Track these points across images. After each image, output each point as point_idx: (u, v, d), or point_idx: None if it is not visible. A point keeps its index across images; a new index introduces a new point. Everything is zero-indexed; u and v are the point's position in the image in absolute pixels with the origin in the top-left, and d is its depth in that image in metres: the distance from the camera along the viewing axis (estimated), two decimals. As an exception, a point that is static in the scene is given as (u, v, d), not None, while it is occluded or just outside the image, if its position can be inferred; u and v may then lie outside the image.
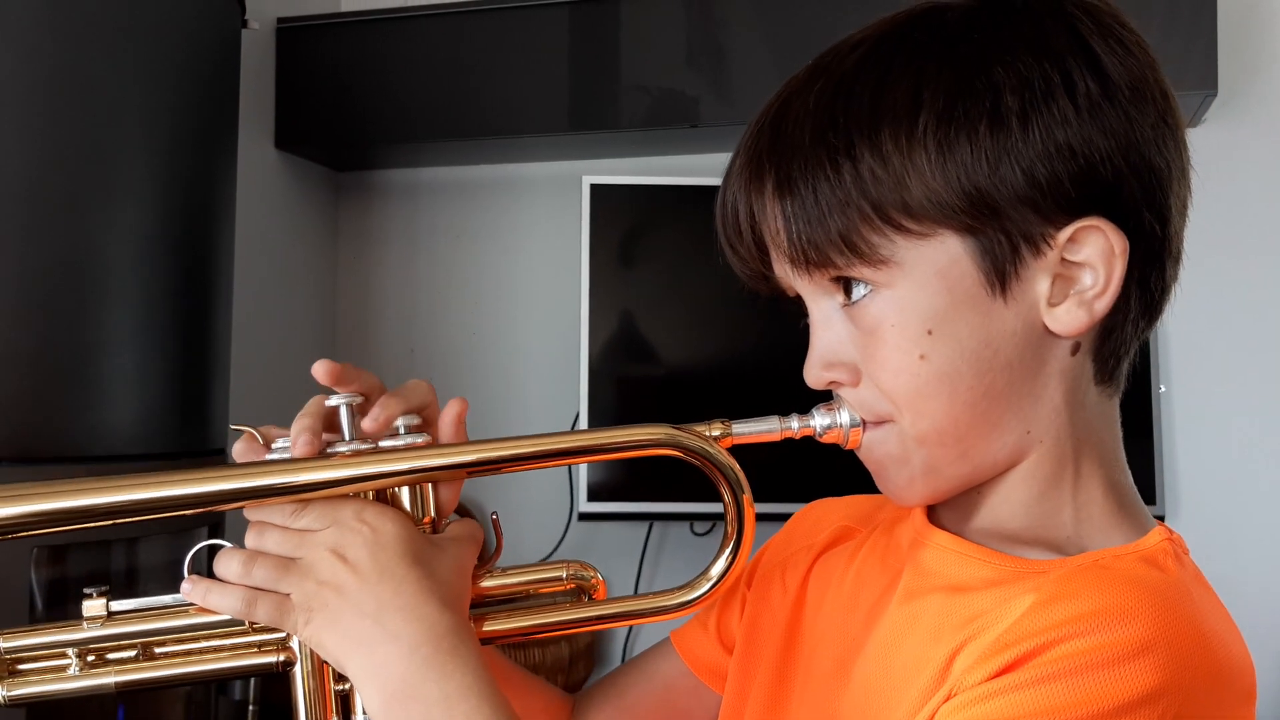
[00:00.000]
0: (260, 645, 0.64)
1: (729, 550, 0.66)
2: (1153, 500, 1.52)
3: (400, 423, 0.63)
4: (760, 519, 0.67)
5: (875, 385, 0.60)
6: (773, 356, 1.55)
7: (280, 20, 1.80)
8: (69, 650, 0.63)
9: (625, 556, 1.78)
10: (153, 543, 1.16)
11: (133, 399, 1.12)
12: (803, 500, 0.85)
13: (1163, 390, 1.60)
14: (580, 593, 0.71)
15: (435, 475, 0.63)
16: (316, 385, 0.68)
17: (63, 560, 1.07)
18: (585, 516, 1.63)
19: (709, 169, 1.72)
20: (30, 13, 1.03)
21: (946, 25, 0.58)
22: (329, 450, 0.62)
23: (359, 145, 1.84)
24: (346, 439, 0.62)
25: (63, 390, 1.05)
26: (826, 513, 0.79)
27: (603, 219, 1.63)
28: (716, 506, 0.67)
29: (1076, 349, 0.60)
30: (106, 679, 0.63)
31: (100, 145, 1.08)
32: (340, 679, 0.63)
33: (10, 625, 0.62)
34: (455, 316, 1.95)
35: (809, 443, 0.65)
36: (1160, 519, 0.63)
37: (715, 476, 0.65)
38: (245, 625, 0.63)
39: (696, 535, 1.75)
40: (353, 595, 0.59)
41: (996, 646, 0.53)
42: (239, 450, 0.64)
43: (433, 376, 1.92)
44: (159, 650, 0.64)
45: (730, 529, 0.66)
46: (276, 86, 1.80)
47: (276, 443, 0.63)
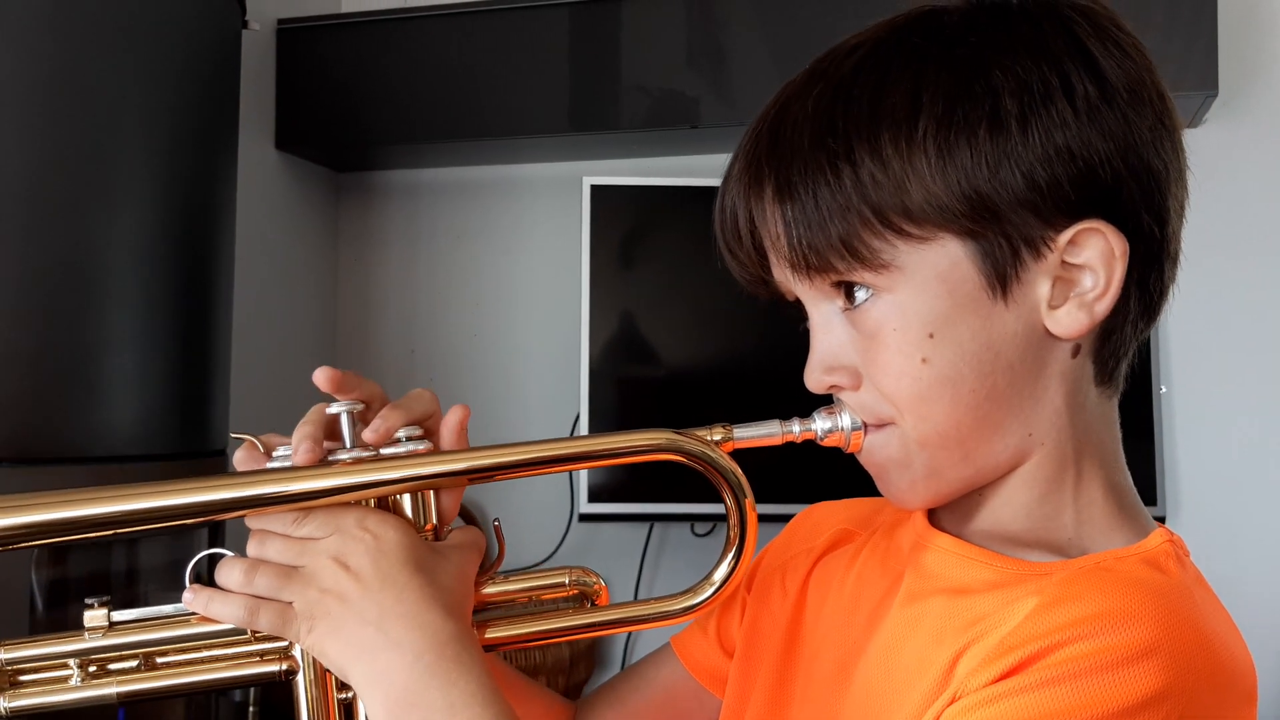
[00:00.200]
0: (262, 654, 0.64)
1: (732, 554, 0.66)
2: (1153, 501, 1.52)
3: (402, 433, 0.63)
4: (761, 520, 0.67)
5: (876, 389, 0.60)
6: (774, 357, 1.55)
7: (280, 21, 1.80)
8: (70, 661, 0.63)
9: (626, 557, 1.78)
10: (153, 544, 1.16)
11: (133, 400, 1.12)
12: (803, 501, 0.84)
13: (1163, 391, 1.60)
14: (583, 598, 0.71)
15: (435, 483, 0.63)
16: (317, 386, 0.68)
17: (63, 561, 1.07)
18: (586, 517, 1.63)
19: (709, 169, 1.72)
20: (31, 14, 1.03)
21: (944, 29, 0.58)
22: (330, 458, 0.62)
23: (359, 146, 1.84)
24: (348, 446, 0.62)
25: (63, 391, 1.05)
26: (826, 516, 0.79)
27: (603, 220, 1.63)
28: (717, 507, 0.67)
29: (1077, 351, 0.60)
30: (108, 689, 0.63)
31: (100, 146, 1.08)
32: (343, 687, 0.63)
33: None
34: (456, 317, 1.95)
35: (810, 444, 0.65)
36: (1161, 520, 0.63)
37: (717, 481, 0.64)
38: (247, 634, 0.63)
39: (697, 536, 1.75)
40: (355, 603, 0.59)
41: (1000, 649, 0.53)
42: (240, 458, 0.64)
43: (433, 377, 1.93)
44: (161, 660, 0.64)
45: (733, 533, 0.66)
46: (277, 87, 1.80)
47: (278, 450, 0.63)
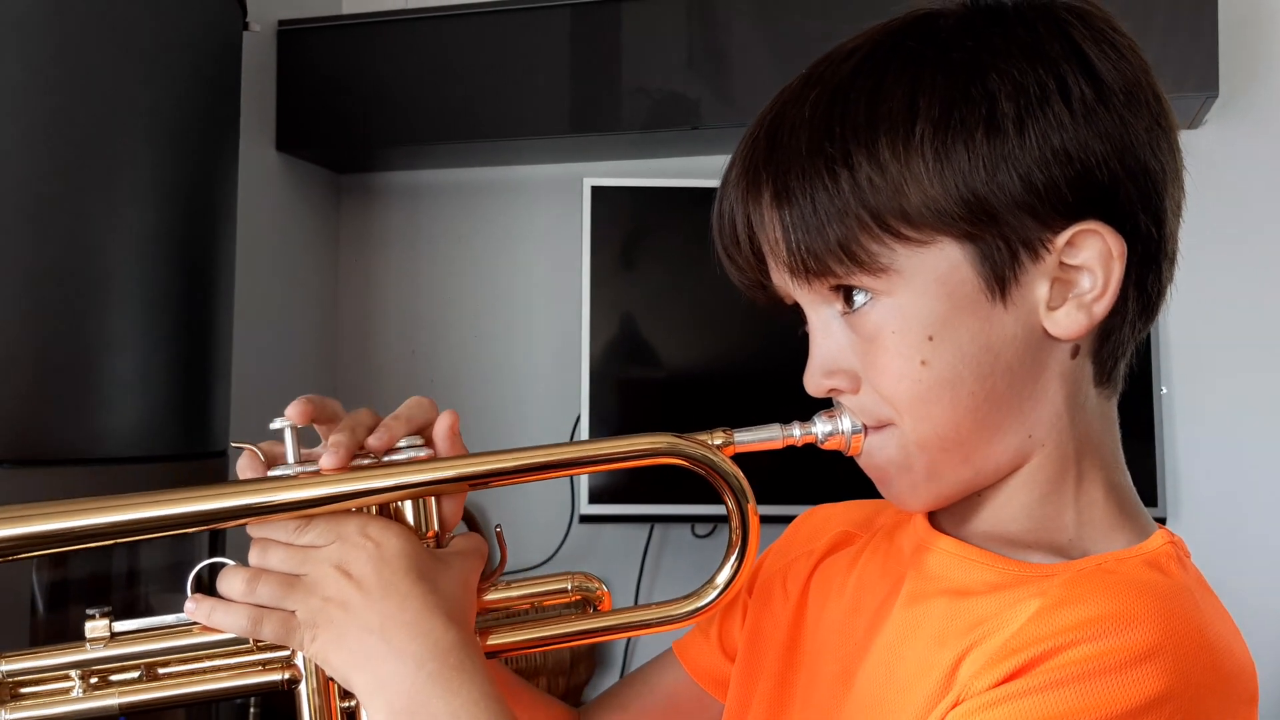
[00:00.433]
0: (265, 663, 0.64)
1: (734, 558, 0.66)
2: (1154, 502, 1.52)
3: (402, 441, 0.63)
4: (762, 521, 0.67)
5: (876, 391, 0.60)
6: (776, 356, 1.55)
7: (281, 22, 1.80)
8: (72, 672, 0.63)
9: (627, 558, 1.78)
10: (154, 546, 1.16)
11: (134, 401, 1.12)
12: (804, 502, 0.84)
13: (1164, 392, 1.60)
14: (586, 604, 0.71)
15: (436, 489, 0.63)
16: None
17: (64, 563, 1.07)
18: (586, 519, 1.63)
19: (710, 171, 1.72)
20: (33, 16, 1.03)
21: (940, 32, 0.58)
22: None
23: (360, 147, 1.84)
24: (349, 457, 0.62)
25: (64, 392, 1.05)
26: (826, 518, 0.79)
27: (604, 221, 1.63)
28: (718, 508, 0.67)
29: (1076, 352, 0.60)
30: (110, 700, 0.63)
31: (101, 147, 1.08)
32: (346, 695, 0.63)
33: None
34: (456, 318, 1.95)
35: (810, 446, 0.65)
36: (1161, 521, 0.63)
37: (719, 485, 0.64)
38: (249, 644, 0.63)
39: (698, 537, 1.75)
40: (358, 611, 0.59)
41: (1003, 652, 0.53)
42: (242, 467, 0.64)
43: (434, 378, 1.93)
44: (163, 670, 0.64)
45: (735, 536, 0.66)
46: (278, 89, 1.80)
47: (280, 465, 0.63)
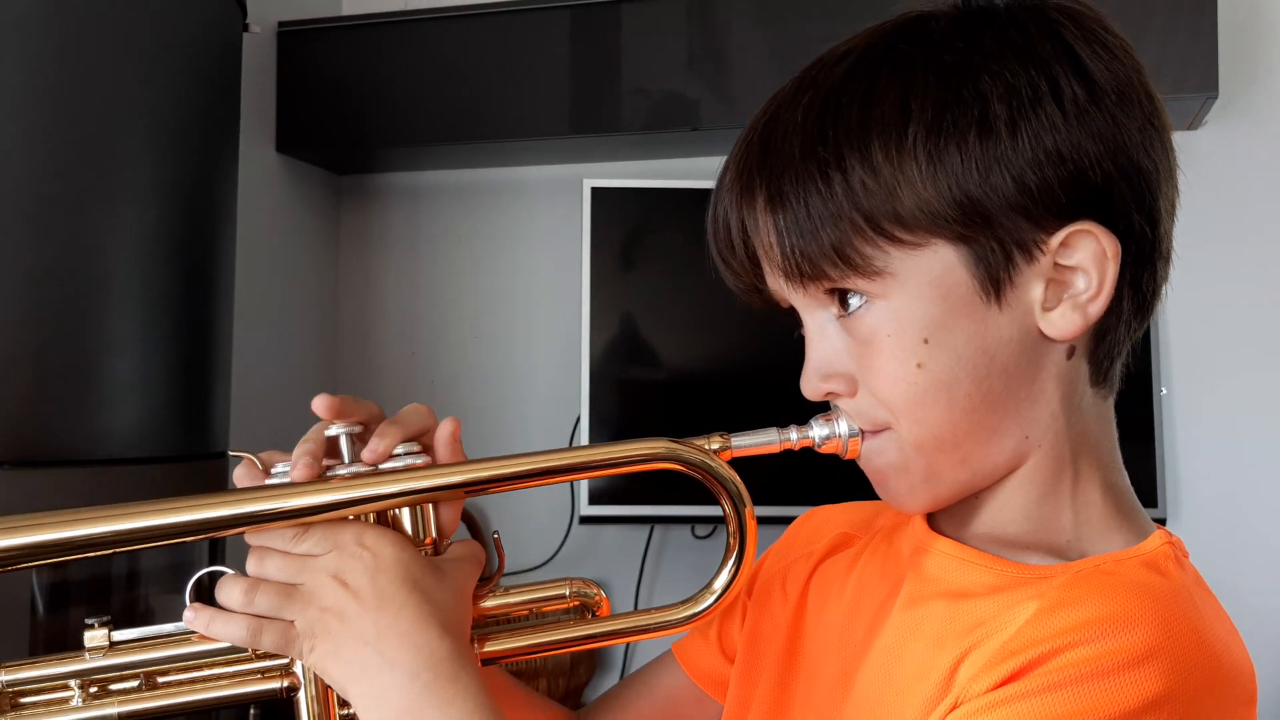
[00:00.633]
0: (264, 672, 0.64)
1: (732, 562, 0.66)
2: (1154, 503, 1.52)
3: (399, 449, 0.63)
4: (761, 522, 0.67)
5: (872, 394, 0.60)
6: (776, 358, 1.54)
7: (281, 24, 1.80)
8: (71, 681, 0.63)
9: (626, 560, 1.78)
10: (154, 548, 1.16)
11: (134, 402, 1.12)
12: (803, 504, 0.84)
13: (1164, 393, 1.59)
14: (584, 610, 0.71)
15: (433, 496, 0.63)
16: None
17: (64, 566, 1.07)
18: (586, 520, 1.63)
19: (710, 172, 1.71)
20: (33, 17, 1.03)
21: (932, 35, 0.59)
22: (328, 474, 0.62)
23: (360, 148, 1.84)
24: (346, 464, 0.62)
25: (64, 394, 1.05)
26: (825, 520, 0.79)
27: (604, 222, 1.63)
28: (717, 510, 0.67)
29: (1072, 352, 0.60)
30: (109, 709, 0.63)
31: (101, 148, 1.08)
32: (345, 703, 0.63)
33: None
34: (456, 319, 1.95)
35: (808, 448, 0.65)
36: (1161, 522, 0.63)
37: (717, 490, 0.64)
38: (248, 652, 0.63)
39: (698, 538, 1.75)
40: (354, 621, 0.59)
41: (1001, 654, 0.53)
42: (239, 476, 0.64)
43: (434, 379, 1.93)
44: (162, 679, 0.64)
45: (732, 540, 0.66)
46: (278, 90, 1.80)
47: (276, 467, 0.63)
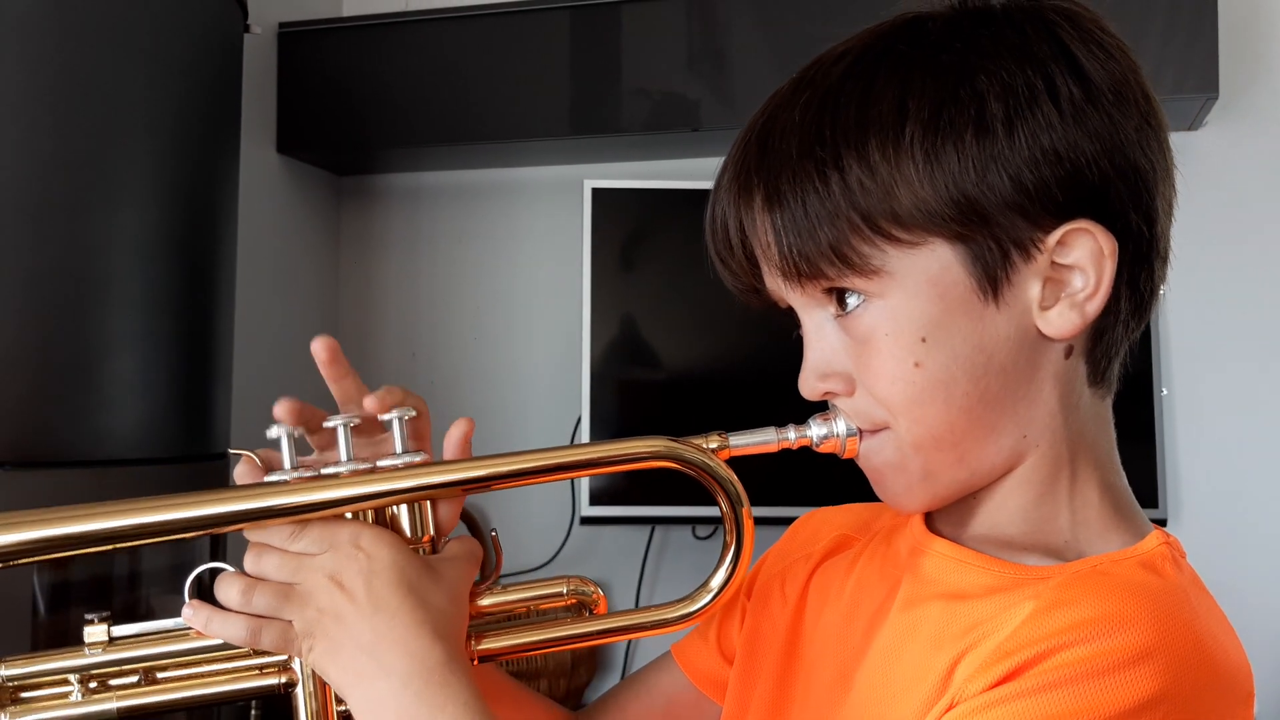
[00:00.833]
0: (262, 668, 0.64)
1: (729, 561, 0.66)
2: (1154, 503, 1.52)
3: (399, 448, 0.63)
4: (760, 523, 0.67)
5: (870, 394, 0.60)
6: (776, 358, 1.54)
7: (282, 25, 1.80)
8: (71, 676, 0.63)
9: (627, 560, 1.78)
10: (155, 547, 1.16)
11: (135, 403, 1.12)
12: (802, 504, 0.85)
13: (1164, 393, 1.59)
14: (581, 608, 0.71)
15: (432, 493, 0.63)
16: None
17: (65, 565, 1.07)
18: (587, 521, 1.63)
19: (710, 172, 1.71)
20: (33, 18, 1.03)
21: (929, 34, 0.59)
22: (326, 471, 0.62)
23: (361, 149, 1.84)
24: (344, 459, 0.62)
25: (64, 394, 1.05)
26: (824, 522, 0.79)
27: (604, 223, 1.63)
28: (718, 510, 0.67)
29: (1069, 352, 0.60)
30: (109, 704, 0.63)
31: (102, 149, 1.08)
32: (342, 699, 0.63)
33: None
34: (457, 320, 1.95)
35: (806, 448, 0.65)
36: (1162, 523, 0.63)
37: (714, 489, 0.65)
38: (246, 648, 0.63)
39: (698, 539, 1.75)
40: (351, 624, 0.59)
41: (997, 655, 0.53)
42: (239, 473, 0.64)
43: (434, 380, 1.93)
44: (161, 675, 0.65)
45: (729, 540, 0.66)
46: (278, 91, 1.80)
47: (276, 470, 0.63)
